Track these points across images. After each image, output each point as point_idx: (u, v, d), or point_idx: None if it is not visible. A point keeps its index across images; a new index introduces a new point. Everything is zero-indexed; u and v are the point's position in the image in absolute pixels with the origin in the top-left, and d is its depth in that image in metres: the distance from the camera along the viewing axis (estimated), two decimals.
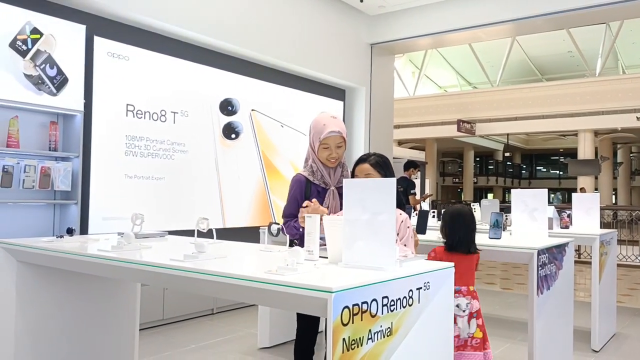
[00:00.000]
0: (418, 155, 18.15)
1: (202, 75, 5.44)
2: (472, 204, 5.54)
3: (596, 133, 21.17)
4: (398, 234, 2.44)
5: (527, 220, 3.49)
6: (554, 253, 3.30)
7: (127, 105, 4.77)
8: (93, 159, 4.51)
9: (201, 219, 2.76)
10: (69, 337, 2.92)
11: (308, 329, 2.67)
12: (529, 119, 20.39)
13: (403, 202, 2.67)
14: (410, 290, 1.90)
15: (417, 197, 8.21)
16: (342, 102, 7.41)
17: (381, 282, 1.75)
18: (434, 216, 5.59)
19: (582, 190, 18.47)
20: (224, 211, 5.62)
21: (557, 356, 3.41)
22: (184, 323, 4.93)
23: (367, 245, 1.95)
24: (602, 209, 19.38)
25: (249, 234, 5.84)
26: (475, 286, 2.97)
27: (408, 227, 2.54)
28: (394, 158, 8.59)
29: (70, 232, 2.88)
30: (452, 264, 2.17)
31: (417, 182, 9.39)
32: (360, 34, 7.35)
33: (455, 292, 2.94)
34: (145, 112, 4.90)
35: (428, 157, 22.03)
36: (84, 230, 4.47)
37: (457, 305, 2.82)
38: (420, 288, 1.95)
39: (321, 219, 2.15)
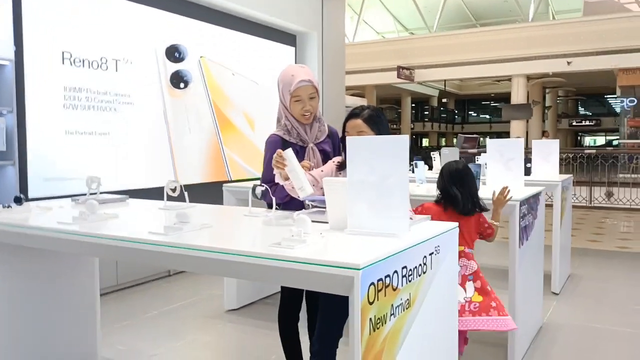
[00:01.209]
0: (359, 103, 18.04)
1: (145, 18, 4.94)
2: (432, 153, 5.47)
3: (528, 78, 21.79)
4: None
5: (503, 170, 3.43)
6: (531, 203, 3.27)
7: (63, 52, 4.25)
8: (28, 114, 4.02)
9: (171, 182, 2.50)
10: (24, 315, 2.61)
11: (293, 296, 2.50)
12: (466, 65, 20.68)
13: None
14: (425, 256, 1.76)
15: None
16: (293, 48, 7.05)
17: (402, 251, 1.59)
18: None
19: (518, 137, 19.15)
20: (176, 167, 5.27)
21: (531, 301, 3.44)
22: (141, 287, 4.65)
23: (376, 210, 1.77)
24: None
25: (205, 191, 5.56)
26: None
27: None
28: (346, 107, 8.36)
29: (18, 200, 2.52)
30: (457, 224, 2.04)
31: None
32: None
33: None
34: (83, 60, 4.40)
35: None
36: (23, 193, 4.03)
37: None
38: (432, 253, 1.81)
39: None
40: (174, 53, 5.24)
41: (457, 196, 2.72)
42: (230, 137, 5.94)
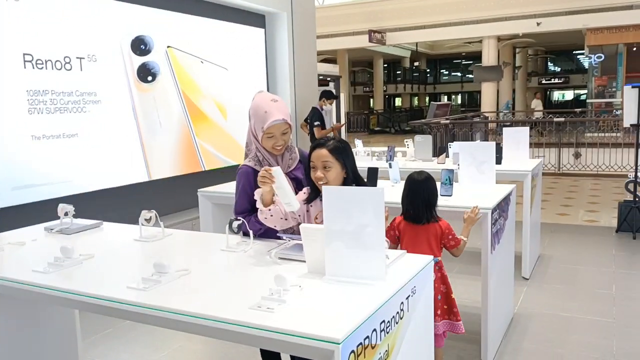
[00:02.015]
0: (332, 69, 17.84)
1: (108, 12, 4.77)
2: (405, 141, 5.50)
3: (499, 39, 21.81)
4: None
5: (475, 173, 3.48)
6: (502, 206, 3.35)
7: (24, 54, 4.09)
8: None
9: (145, 212, 2.48)
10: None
11: None
12: (437, 27, 20.57)
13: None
14: (402, 302, 1.80)
15: (327, 128, 7.23)
16: (262, 30, 6.90)
17: (380, 307, 1.63)
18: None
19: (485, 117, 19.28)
20: (148, 163, 5.20)
21: (503, 295, 3.55)
22: None
23: (354, 257, 1.80)
24: (503, 117, 20.36)
25: (178, 185, 5.52)
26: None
27: None
28: (321, 75, 8.22)
29: None
30: (431, 257, 2.08)
31: (333, 112, 8.13)
32: None
33: None
34: (46, 61, 4.25)
35: (341, 70, 21.76)
36: None
37: None
38: (409, 296, 1.86)
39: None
40: (139, 45, 5.09)
41: (412, 207, 2.84)
42: (203, 127, 5.86)
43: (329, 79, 16.91)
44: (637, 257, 5.19)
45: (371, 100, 33.76)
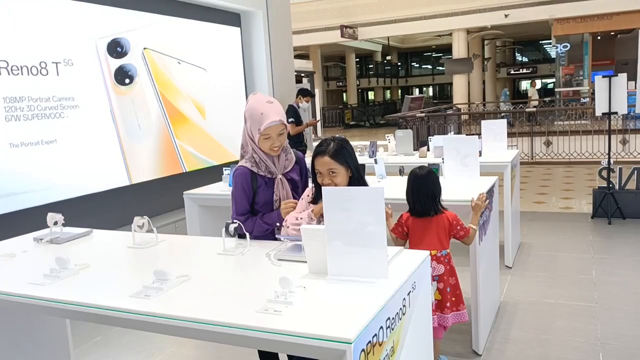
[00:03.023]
0: (306, 65, 17.84)
1: (83, 15, 4.69)
2: (386, 135, 5.55)
3: (468, 31, 22.10)
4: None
5: (460, 167, 3.55)
6: (487, 198, 3.41)
7: None
8: None
9: (138, 219, 2.46)
10: None
11: None
12: (408, 21, 20.74)
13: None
14: (404, 299, 1.84)
15: (303, 125, 7.14)
16: (238, 29, 6.87)
17: (385, 305, 1.66)
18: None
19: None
20: (129, 167, 5.14)
21: (490, 285, 3.63)
22: None
23: (356, 256, 1.83)
24: (475, 108, 20.61)
25: (159, 188, 5.48)
26: None
27: None
28: (295, 72, 8.23)
29: None
30: (427, 252, 2.13)
31: (309, 109, 8.08)
32: None
33: None
34: (21, 67, 4.16)
35: (314, 66, 21.76)
36: None
37: None
38: (410, 292, 1.90)
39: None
40: (116, 48, 5.02)
41: (418, 201, 2.89)
42: (182, 129, 5.81)
43: (302, 74, 16.90)
44: (614, 242, 5.36)
45: (344, 94, 33.85)
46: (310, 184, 2.42)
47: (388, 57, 31.63)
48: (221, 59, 6.45)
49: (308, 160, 2.48)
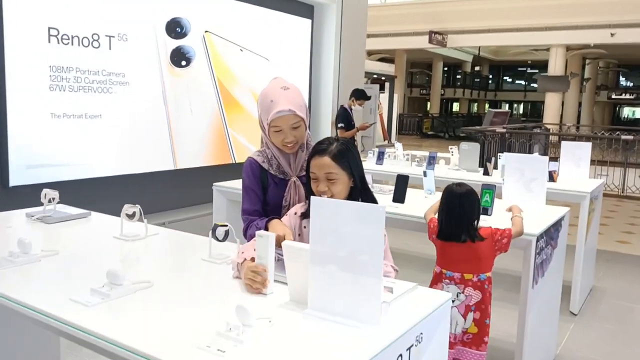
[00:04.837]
0: (387, 69, 17.38)
1: None
2: (449, 147, 5.03)
3: (568, 48, 20.67)
4: None
5: (522, 191, 3.01)
6: (551, 233, 2.87)
7: (50, 29, 3.91)
8: (9, 96, 3.74)
9: (128, 207, 2.18)
10: None
11: None
12: (502, 32, 19.67)
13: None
14: (400, 355, 1.41)
15: (353, 130, 6.40)
16: (309, 21, 6.56)
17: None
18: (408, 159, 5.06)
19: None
20: (175, 151, 4.96)
21: (543, 329, 3.07)
22: None
23: (342, 290, 1.42)
24: (566, 130, 19.26)
25: (204, 175, 5.26)
26: None
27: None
28: (373, 75, 7.82)
29: None
30: (448, 296, 1.68)
31: (360, 114, 6.97)
32: None
33: (445, 277, 2.51)
34: (72, 37, 4.06)
35: (397, 70, 21.21)
36: (4, 181, 3.80)
37: None
38: (412, 346, 1.47)
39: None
40: (175, 28, 4.86)
41: (447, 223, 2.47)
42: (236, 118, 5.59)
43: (383, 78, 16.46)
44: None
45: (428, 103, 32.90)
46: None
47: (477, 68, 30.34)
48: (287, 51, 6.18)
49: None
